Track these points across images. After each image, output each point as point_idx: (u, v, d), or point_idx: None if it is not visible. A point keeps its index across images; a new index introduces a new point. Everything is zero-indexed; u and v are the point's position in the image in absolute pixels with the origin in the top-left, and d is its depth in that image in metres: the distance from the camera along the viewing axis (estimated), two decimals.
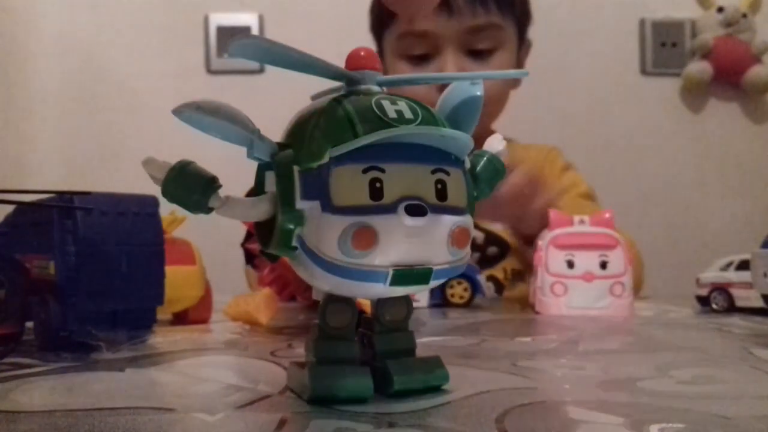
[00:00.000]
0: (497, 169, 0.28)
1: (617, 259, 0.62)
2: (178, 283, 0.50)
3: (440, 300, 0.69)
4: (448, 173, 0.25)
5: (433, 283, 0.25)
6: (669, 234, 1.41)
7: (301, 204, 0.24)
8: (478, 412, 0.24)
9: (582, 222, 0.64)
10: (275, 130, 0.27)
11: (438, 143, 0.25)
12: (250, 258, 0.56)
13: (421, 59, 0.92)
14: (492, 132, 0.30)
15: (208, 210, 0.25)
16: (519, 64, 1.01)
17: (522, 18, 0.97)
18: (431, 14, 0.88)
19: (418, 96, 0.27)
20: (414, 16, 0.72)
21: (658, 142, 1.45)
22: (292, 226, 0.24)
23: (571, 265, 0.62)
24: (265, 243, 0.26)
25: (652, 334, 0.49)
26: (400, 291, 0.25)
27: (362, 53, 0.27)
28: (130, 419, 0.24)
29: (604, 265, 0.62)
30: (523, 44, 1.00)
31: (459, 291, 0.69)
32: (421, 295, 0.67)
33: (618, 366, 0.35)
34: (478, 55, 0.91)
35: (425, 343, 0.42)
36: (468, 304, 0.69)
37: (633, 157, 1.43)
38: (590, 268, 0.62)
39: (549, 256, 0.63)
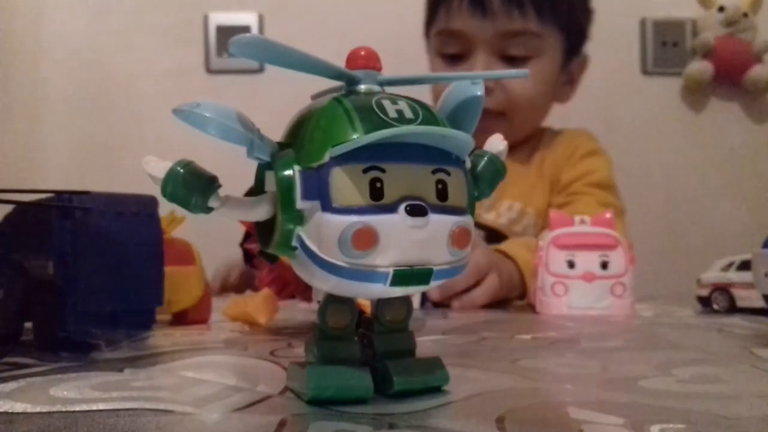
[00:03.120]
0: (498, 169, 0.28)
1: (618, 259, 0.62)
2: (178, 283, 0.50)
3: (432, 302, 0.69)
4: (448, 173, 0.25)
5: (434, 283, 0.25)
6: (670, 234, 1.41)
7: (301, 204, 0.24)
8: (479, 413, 0.24)
9: (583, 222, 0.64)
10: (275, 130, 0.27)
11: (439, 143, 0.25)
12: (249, 258, 0.56)
13: (454, 58, 0.90)
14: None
15: (208, 210, 0.25)
16: (571, 79, 0.98)
17: (571, 28, 0.94)
18: (465, 13, 0.87)
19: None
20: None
21: (659, 141, 1.44)
22: (292, 226, 0.24)
23: (571, 265, 0.62)
24: (265, 243, 0.26)
25: (653, 334, 0.49)
26: (400, 291, 0.25)
27: (362, 53, 0.26)
28: (129, 420, 0.24)
29: (604, 265, 0.62)
30: (574, 57, 0.97)
31: None
32: (413, 297, 0.67)
33: (618, 365, 0.35)
34: (511, 61, 0.89)
35: (425, 343, 0.42)
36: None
37: (633, 156, 1.43)
38: (591, 268, 0.62)
39: (549, 256, 0.63)
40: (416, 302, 0.68)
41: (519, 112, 0.92)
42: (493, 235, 0.90)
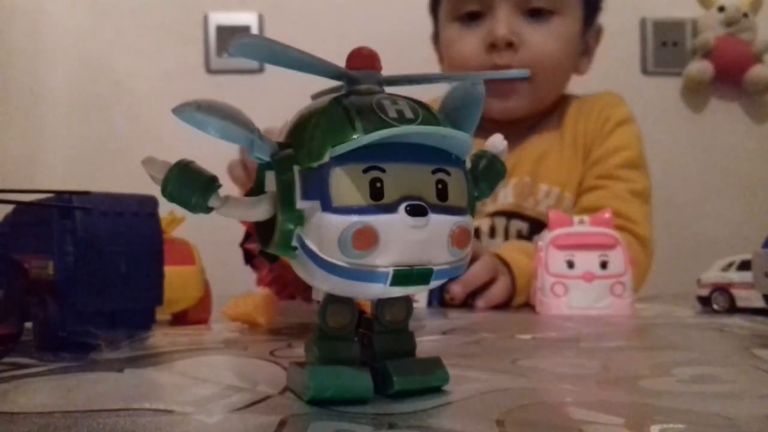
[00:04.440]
0: (498, 169, 0.28)
1: (617, 259, 0.62)
2: (178, 283, 0.49)
3: (438, 301, 0.69)
4: (448, 173, 0.25)
5: (434, 283, 0.25)
6: (669, 234, 1.40)
7: (301, 204, 0.24)
8: (479, 413, 0.24)
9: (582, 222, 0.64)
10: None
11: (439, 143, 0.25)
12: (249, 258, 0.56)
13: (472, 18, 0.89)
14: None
15: (208, 210, 0.25)
16: (587, 50, 0.98)
17: None
18: None
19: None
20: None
21: (659, 141, 1.44)
22: (292, 226, 0.24)
23: (571, 265, 0.62)
24: (265, 243, 0.26)
25: (653, 334, 0.49)
26: (400, 291, 0.25)
27: (363, 52, 0.26)
28: (129, 421, 0.24)
29: (604, 265, 0.62)
30: (590, 28, 0.96)
31: None
32: (419, 296, 0.67)
33: (618, 365, 0.35)
34: (536, 14, 0.88)
35: (425, 343, 0.42)
36: (463, 305, 0.69)
37: None
38: (590, 268, 0.62)
39: (549, 257, 0.63)
40: (423, 301, 0.68)
41: (543, 73, 0.89)
42: (538, 227, 0.87)
